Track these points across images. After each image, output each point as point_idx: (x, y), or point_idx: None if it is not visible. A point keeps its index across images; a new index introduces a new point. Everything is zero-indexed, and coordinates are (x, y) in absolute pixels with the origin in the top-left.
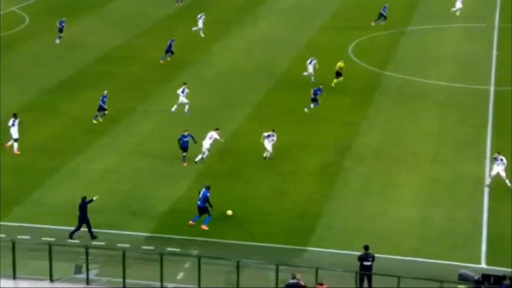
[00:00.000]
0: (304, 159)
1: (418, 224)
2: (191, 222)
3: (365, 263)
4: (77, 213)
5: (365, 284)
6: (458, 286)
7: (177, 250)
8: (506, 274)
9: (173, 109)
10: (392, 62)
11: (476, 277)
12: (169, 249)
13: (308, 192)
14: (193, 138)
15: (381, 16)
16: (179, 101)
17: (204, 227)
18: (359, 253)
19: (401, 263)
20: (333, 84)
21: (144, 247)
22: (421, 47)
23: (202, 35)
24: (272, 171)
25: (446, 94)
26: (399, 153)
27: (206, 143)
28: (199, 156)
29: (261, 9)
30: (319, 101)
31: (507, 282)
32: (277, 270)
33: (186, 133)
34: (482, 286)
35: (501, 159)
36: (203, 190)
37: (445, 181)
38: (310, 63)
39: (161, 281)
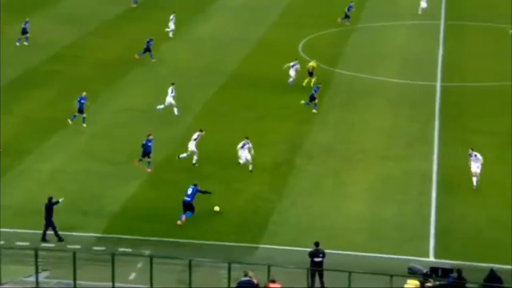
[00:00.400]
0: (256, 157)
1: (368, 220)
2: (181, 220)
3: (316, 259)
4: (26, 214)
5: (317, 281)
6: (407, 281)
7: (129, 250)
8: (453, 267)
9: (175, 112)
10: (342, 59)
11: (425, 271)
12: (121, 249)
13: (260, 190)
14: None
15: (346, 15)
16: (169, 102)
17: (180, 222)
18: (310, 250)
19: (352, 258)
20: (304, 84)
21: (96, 248)
22: (371, 45)
23: (171, 35)
24: (225, 169)
25: (395, 91)
26: (350, 150)
27: (191, 145)
28: (195, 158)
29: (212, 7)
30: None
31: (454, 274)
32: (229, 268)
33: (150, 137)
34: (430, 279)
35: (475, 155)
36: (192, 187)
37: (394, 177)
38: (292, 66)
39: (113, 282)
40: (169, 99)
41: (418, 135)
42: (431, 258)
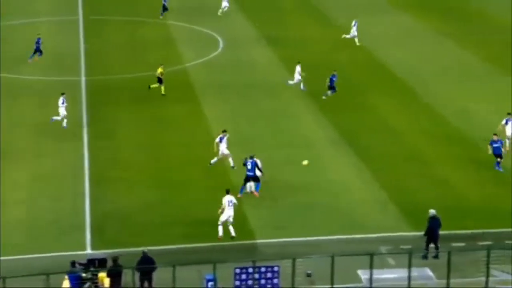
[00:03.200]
0: None
1: (25, 220)
2: (256, 193)
3: None
4: None
5: None
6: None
7: None
8: (109, 256)
9: (64, 124)
10: None
11: (84, 262)
12: None
13: None
14: None
15: (164, 9)
16: (63, 113)
17: (257, 194)
18: None
19: (9, 262)
20: (162, 92)
21: None
22: (14, 43)
23: None
24: None
25: (42, 88)
26: (1, 150)
27: (223, 147)
28: (230, 161)
29: None
30: (336, 88)
31: (110, 263)
32: None
33: None
34: (88, 271)
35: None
36: (250, 161)
37: (48, 173)
38: (298, 72)
39: None
40: (61, 110)
41: (67, 130)
42: (88, 250)
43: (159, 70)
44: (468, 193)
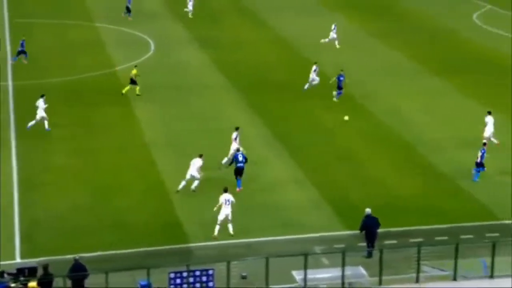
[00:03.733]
0: None
1: None
2: (238, 189)
3: None
4: None
5: None
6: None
7: None
8: (39, 264)
9: (30, 124)
10: None
11: (13, 272)
12: None
13: None
14: None
15: (127, 10)
16: (38, 116)
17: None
18: None
19: None
20: (123, 91)
21: None
22: None
23: None
24: None
25: None
26: None
27: (234, 145)
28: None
29: None
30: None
31: (40, 271)
32: None
33: None
34: (18, 280)
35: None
36: (240, 153)
37: None
38: (314, 71)
39: None
40: (41, 112)
41: None
42: (18, 259)
43: (133, 71)
44: (400, 191)
